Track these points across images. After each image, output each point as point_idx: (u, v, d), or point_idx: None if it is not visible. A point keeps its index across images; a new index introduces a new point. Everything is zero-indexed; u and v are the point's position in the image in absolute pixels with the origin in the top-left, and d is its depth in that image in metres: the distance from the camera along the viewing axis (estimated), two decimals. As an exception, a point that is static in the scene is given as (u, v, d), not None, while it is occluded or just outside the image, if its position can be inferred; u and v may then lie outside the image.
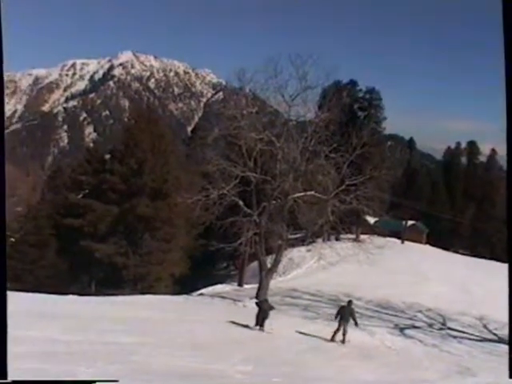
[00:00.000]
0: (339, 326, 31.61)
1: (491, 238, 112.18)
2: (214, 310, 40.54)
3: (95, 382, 14.99)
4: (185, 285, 58.93)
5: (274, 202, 43.30)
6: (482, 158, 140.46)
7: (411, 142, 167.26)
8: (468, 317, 46.24)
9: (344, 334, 31.51)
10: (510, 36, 12.09)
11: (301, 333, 32.88)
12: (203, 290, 54.84)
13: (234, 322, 32.65)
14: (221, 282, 62.08)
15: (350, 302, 33.18)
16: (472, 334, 40.51)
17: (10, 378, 11.82)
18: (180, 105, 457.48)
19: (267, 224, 43.63)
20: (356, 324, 32.16)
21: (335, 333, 31.55)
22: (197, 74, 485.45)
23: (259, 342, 28.78)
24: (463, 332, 40.77)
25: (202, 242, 56.19)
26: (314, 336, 32.45)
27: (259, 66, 44.94)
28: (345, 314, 32.00)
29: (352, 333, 33.81)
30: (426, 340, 36.28)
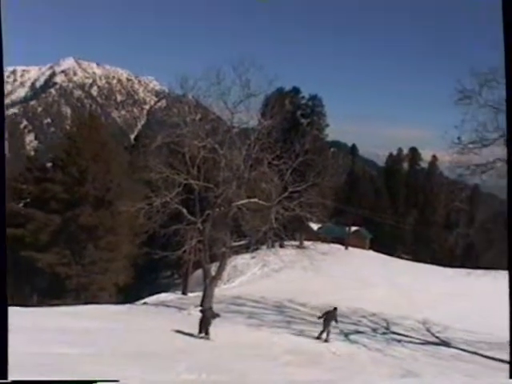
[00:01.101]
0: (324, 327, 35.92)
1: (432, 243, 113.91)
2: (159, 318, 40.25)
3: (95, 382, 14.84)
4: (129, 294, 58.48)
5: (217, 209, 43.25)
6: (424, 165, 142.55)
7: (354, 148, 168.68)
8: (411, 321, 46.85)
9: (327, 335, 35.83)
10: (510, 36, 12.25)
11: (245, 340, 32.86)
12: (147, 299, 54.47)
13: (178, 331, 32.49)
14: (165, 291, 61.76)
15: (335, 309, 37.15)
16: (415, 338, 41.01)
17: (10, 378, 11.80)
18: (123, 112, 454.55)
19: (211, 231, 43.56)
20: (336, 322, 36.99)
21: (321, 333, 35.99)
22: (140, 82, 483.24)
23: (204, 351, 28.67)
24: (406, 336, 41.25)
25: (146, 250, 55.74)
26: (258, 343, 32.46)
27: (202, 73, 44.91)
28: (329, 317, 36.16)
29: (296, 339, 34.06)
30: (370, 345, 36.56)
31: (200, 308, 37.35)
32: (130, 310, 44.91)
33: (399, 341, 39.34)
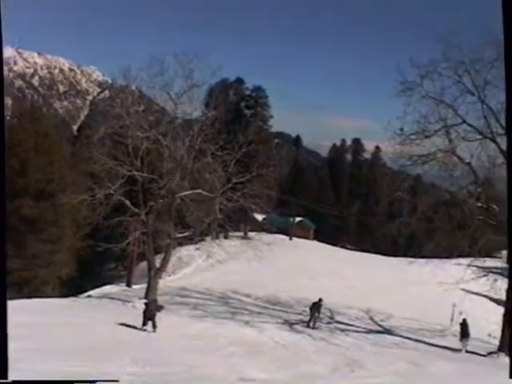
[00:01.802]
0: (311, 316, 40.08)
1: (375, 233, 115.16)
2: (103, 311, 39.85)
3: (95, 382, 14.63)
4: (72, 287, 57.73)
5: (161, 200, 43.01)
6: (367, 155, 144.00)
7: (298, 139, 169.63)
8: (355, 310, 47.40)
9: (314, 323, 39.84)
10: (510, 36, 12.29)
11: (190, 332, 32.78)
12: (91, 292, 53.89)
13: (122, 324, 32.21)
14: (109, 283, 61.13)
15: (320, 300, 40.75)
16: (359, 327, 41.50)
17: (10, 378, 11.60)
18: (65, 103, 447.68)
19: (155, 223, 43.32)
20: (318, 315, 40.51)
21: (309, 321, 39.99)
22: (82, 72, 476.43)
23: (148, 343, 28.54)
24: (350, 325, 41.70)
25: (89, 242, 55.05)
26: (203, 334, 32.42)
27: (145, 63, 44.50)
28: (315, 307, 40.24)
29: (241, 330, 34.14)
30: (314, 334, 36.87)
31: (144, 300, 37.13)
32: (73, 303, 44.35)
33: (343, 330, 39.71)
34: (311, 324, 40.04)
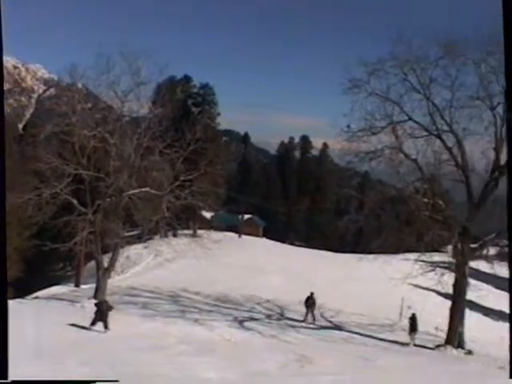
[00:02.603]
0: (307, 310, 42.27)
1: (324, 230, 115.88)
2: (50, 312, 39.29)
3: (95, 381, 14.39)
4: (19, 288, 56.81)
5: (108, 199, 42.65)
6: (315, 152, 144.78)
7: (246, 137, 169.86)
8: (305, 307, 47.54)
9: (313, 315, 42.35)
10: (510, 35, 12.33)
11: (139, 331, 32.56)
12: (38, 293, 53.20)
13: (71, 324, 31.84)
14: (57, 284, 60.51)
15: (312, 293, 42.75)
16: (309, 323, 41.62)
17: (10, 378, 11.43)
18: (10, 101, 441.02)
19: (103, 222, 42.89)
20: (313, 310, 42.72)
21: (306, 315, 42.25)
22: (27, 69, 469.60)
23: (97, 343, 28.25)
24: (300, 321, 41.81)
25: (36, 242, 54.31)
26: (153, 334, 32.24)
27: (91, 61, 44.04)
28: (310, 302, 42.43)
29: (190, 328, 34.06)
30: (264, 331, 36.88)
31: (95, 301, 36.76)
32: (20, 304, 43.59)
33: (293, 326, 39.83)
34: (309, 319, 42.10)
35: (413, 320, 37.56)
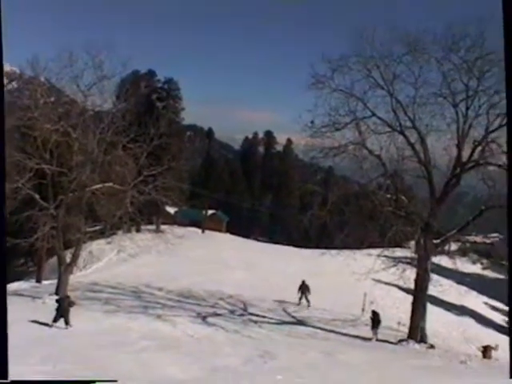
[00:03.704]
0: (301, 295, 48.34)
1: (288, 225, 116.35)
2: (11, 309, 38.43)
3: (95, 382, 14.18)
4: (-22, 284, 56.21)
5: (71, 194, 42.19)
6: (279, 148, 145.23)
7: (210, 132, 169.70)
8: (268, 302, 47.65)
9: (307, 300, 48.06)
10: (510, 35, 12.30)
11: (102, 327, 32.34)
12: (-3, 288, 52.55)
13: (32, 321, 31.51)
14: (19, 280, 59.77)
15: (303, 281, 48.71)
16: (272, 318, 41.73)
17: (10, 378, 11.21)
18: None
19: (65, 217, 42.49)
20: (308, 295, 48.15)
21: (300, 299, 48.16)
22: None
23: (59, 340, 27.99)
24: (263, 317, 41.90)
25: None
26: (115, 330, 32.05)
27: (54, 54, 43.59)
28: (304, 288, 48.38)
29: (153, 324, 33.95)
30: (227, 327, 36.84)
31: (56, 297, 36.43)
32: (-21, 300, 43.18)
33: (256, 322, 39.87)
34: (303, 301, 48.27)
35: (375, 315, 37.87)
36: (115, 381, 14.69)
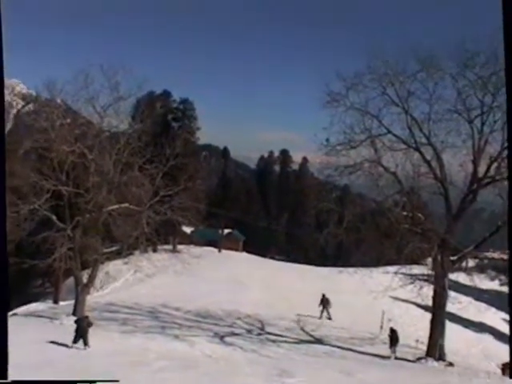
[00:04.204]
0: (323, 309, 50.50)
1: (304, 244, 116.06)
2: (29, 330, 38.82)
3: (95, 382, 14.25)
4: (-3, 305, 56.28)
5: (87, 215, 42.36)
6: (295, 167, 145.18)
7: (225, 151, 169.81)
8: (286, 321, 47.51)
9: (328, 313, 50.36)
10: (510, 35, 12.34)
11: (119, 348, 32.32)
12: (17, 310, 52.59)
13: (50, 342, 31.58)
14: (36, 300, 59.90)
15: (323, 295, 50.86)
16: (290, 337, 41.58)
17: (10, 378, 11.34)
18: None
19: (82, 238, 42.65)
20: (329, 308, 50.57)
21: (321, 313, 50.35)
22: (5, 85, 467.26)
23: (77, 360, 28.02)
24: (281, 336, 41.76)
25: (14, 259, 53.78)
26: (133, 350, 32.01)
27: (70, 76, 43.94)
28: (324, 301, 50.54)
29: (171, 344, 33.90)
30: (245, 346, 36.74)
31: (74, 318, 36.50)
32: (-3, 322, 43.25)
33: (274, 341, 39.74)
34: (324, 315, 50.59)
35: (393, 333, 37.64)
36: (116, 381, 14.65)
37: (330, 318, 50.42)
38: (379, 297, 43.27)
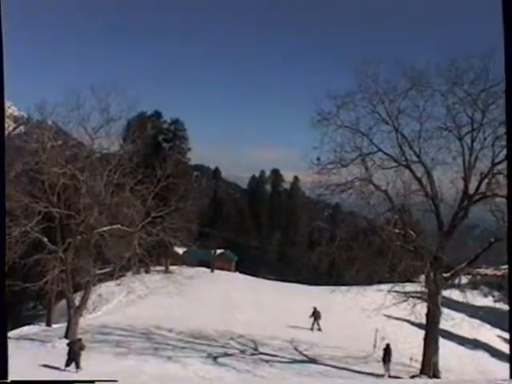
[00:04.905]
0: (314, 321, 52.67)
1: (296, 263, 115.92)
2: (21, 353, 38.47)
3: (95, 382, 14.23)
4: (-12, 329, 55.93)
5: (79, 237, 42.26)
6: (286, 186, 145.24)
7: (216, 171, 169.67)
8: (279, 340, 47.31)
9: (319, 326, 52.70)
10: (510, 35, 12.40)
11: (112, 370, 32.17)
12: (9, 334, 52.21)
13: (42, 365, 31.46)
14: (28, 324, 59.56)
15: (315, 308, 53.36)
16: (283, 357, 41.45)
17: (10, 378, 11.31)
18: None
19: (74, 260, 42.50)
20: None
21: (312, 325, 52.45)
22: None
23: None
24: (275, 356, 41.62)
25: (6, 282, 53.57)
26: (126, 372, 31.87)
27: (61, 98, 44.04)
28: (315, 314, 52.70)
29: (164, 365, 33.77)
30: (239, 366, 36.67)
31: (66, 341, 36.34)
32: (-11, 345, 42.96)
33: (267, 361, 39.61)
34: (315, 326, 52.73)
35: (387, 351, 37.59)
36: (115, 381, 14.58)
37: (319, 329, 52.65)
38: (372, 315, 43.24)
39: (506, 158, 32.62)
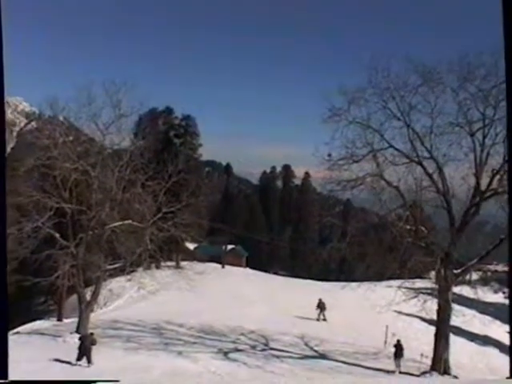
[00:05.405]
0: (320, 312, 54.71)
1: (307, 259, 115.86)
2: (32, 348, 38.84)
3: (95, 381, 14.34)
4: (0, 323, 56.09)
5: (90, 232, 42.32)
6: (297, 182, 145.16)
7: (228, 167, 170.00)
8: (289, 336, 47.28)
9: (324, 317, 54.52)
10: (510, 35, 12.38)
11: (123, 365, 32.26)
12: (20, 328, 52.44)
13: (54, 359, 31.57)
14: (40, 318, 59.76)
15: (320, 299, 55.11)
16: (294, 353, 41.41)
17: (10, 378, 11.42)
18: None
19: (85, 255, 42.57)
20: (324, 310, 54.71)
21: (319, 315, 54.45)
22: (8, 102, 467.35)
23: (80, 378, 27.96)
24: (285, 351, 41.59)
25: (17, 277, 53.81)
26: (137, 367, 31.96)
27: (72, 94, 44.09)
28: (320, 305, 54.81)
29: (174, 361, 33.78)
30: (249, 362, 36.66)
31: (77, 335, 36.48)
32: (1, 340, 43.14)
33: (278, 356, 39.60)
34: (321, 316, 54.60)
35: (398, 347, 37.54)
36: (117, 381, 14.63)
37: (325, 319, 54.57)
38: (383, 311, 43.17)
39: (506, 159, 32.65)
